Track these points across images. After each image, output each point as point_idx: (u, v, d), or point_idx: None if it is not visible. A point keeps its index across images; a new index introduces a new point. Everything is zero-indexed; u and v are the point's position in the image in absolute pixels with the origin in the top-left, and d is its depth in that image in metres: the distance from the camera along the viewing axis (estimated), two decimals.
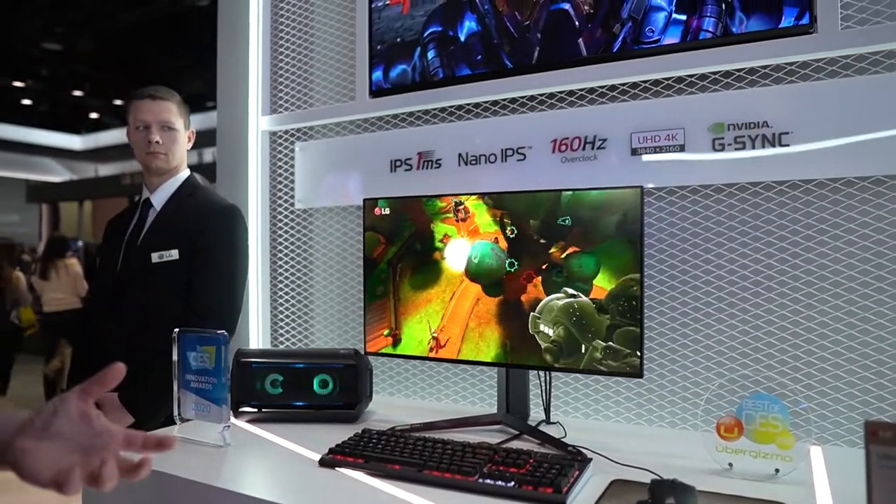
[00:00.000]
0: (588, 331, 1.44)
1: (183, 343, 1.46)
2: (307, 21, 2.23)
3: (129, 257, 1.90)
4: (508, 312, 1.53)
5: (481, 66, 1.86)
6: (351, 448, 1.32)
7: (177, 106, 1.95)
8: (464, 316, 1.58)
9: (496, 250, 1.55)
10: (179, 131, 1.94)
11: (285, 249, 2.26)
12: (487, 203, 1.57)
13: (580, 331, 1.45)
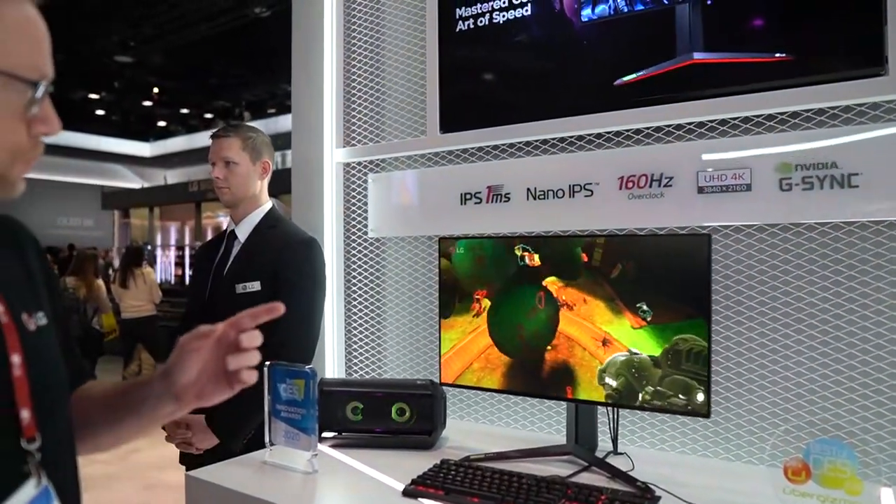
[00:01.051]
0: (647, 381, 1.50)
1: (274, 375, 1.58)
2: (378, 58, 2.34)
3: (215, 286, 2.05)
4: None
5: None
6: (432, 479, 1.42)
7: (241, 141, 2.05)
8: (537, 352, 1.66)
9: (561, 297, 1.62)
10: (240, 165, 2.04)
11: (359, 277, 2.38)
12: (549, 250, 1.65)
13: (637, 381, 1.51)
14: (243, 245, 2.06)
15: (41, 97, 0.71)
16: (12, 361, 0.72)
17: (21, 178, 0.73)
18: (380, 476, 1.52)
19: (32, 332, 0.77)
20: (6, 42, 0.68)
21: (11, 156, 0.71)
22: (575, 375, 1.60)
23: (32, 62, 0.71)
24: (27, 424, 0.72)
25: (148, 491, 4.37)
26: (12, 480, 0.69)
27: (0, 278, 0.76)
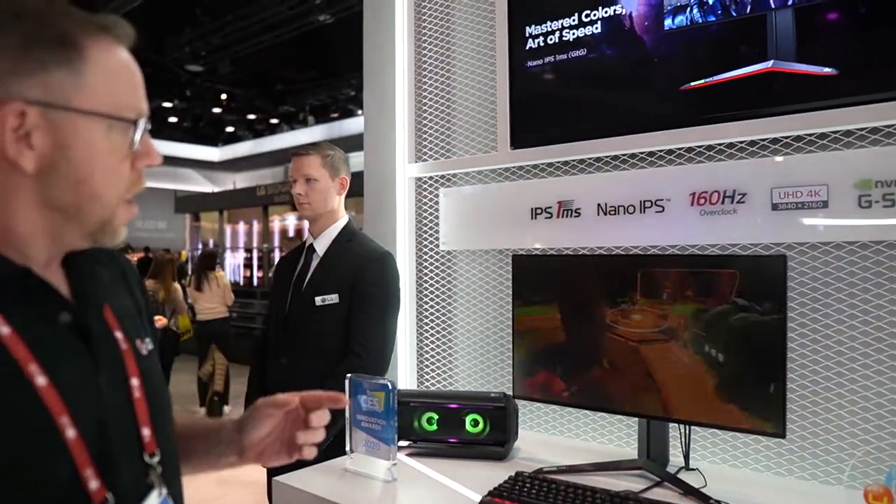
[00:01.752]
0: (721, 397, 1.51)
1: (354, 387, 1.66)
2: (448, 75, 2.41)
3: (295, 299, 2.15)
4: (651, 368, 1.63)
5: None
6: (507, 491, 1.47)
7: (321, 158, 2.15)
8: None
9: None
10: (320, 181, 2.14)
11: (430, 289, 2.45)
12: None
13: (710, 397, 1.52)
14: (322, 258, 2.15)
15: (142, 133, 0.77)
16: (132, 384, 0.80)
17: (123, 225, 0.79)
18: (456, 486, 1.58)
19: (145, 357, 0.85)
20: (108, 88, 0.73)
21: (119, 195, 0.76)
22: (646, 391, 1.62)
23: (131, 103, 0.75)
24: (148, 441, 0.80)
25: (223, 486, 4.57)
26: (140, 491, 0.77)
27: (116, 309, 0.84)
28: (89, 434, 0.70)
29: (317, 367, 2.02)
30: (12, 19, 0.69)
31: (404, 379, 2.39)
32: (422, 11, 2.48)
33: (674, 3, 1.83)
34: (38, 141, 0.69)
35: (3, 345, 0.66)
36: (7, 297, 0.69)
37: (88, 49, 0.71)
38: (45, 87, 0.69)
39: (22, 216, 0.71)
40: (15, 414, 0.66)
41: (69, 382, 0.70)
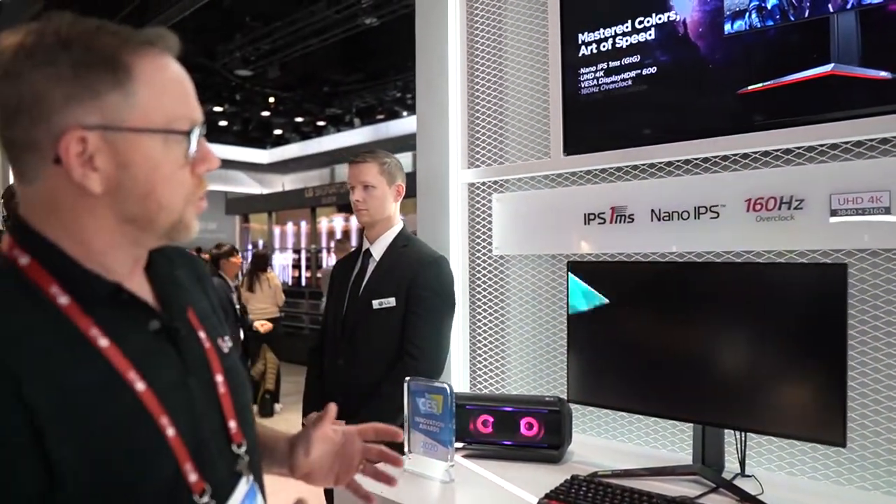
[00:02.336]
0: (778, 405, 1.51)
1: (413, 390, 1.71)
2: (501, 81, 2.44)
3: (353, 302, 2.22)
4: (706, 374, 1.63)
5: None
6: (564, 494, 1.50)
7: (378, 166, 2.21)
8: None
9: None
10: (377, 188, 2.20)
11: (483, 293, 2.49)
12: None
13: (768, 405, 1.52)
14: (378, 263, 2.21)
15: (197, 141, 0.79)
16: (217, 380, 0.86)
17: (194, 220, 0.82)
18: (513, 488, 1.62)
19: (226, 355, 0.91)
20: (159, 103, 0.75)
21: (185, 200, 0.80)
22: (702, 396, 1.63)
23: (183, 113, 0.78)
24: (235, 432, 0.87)
25: (281, 481, 4.69)
26: (232, 480, 0.84)
27: (198, 310, 0.90)
28: (185, 431, 0.76)
29: (373, 368, 2.09)
30: (61, 49, 0.71)
31: (457, 382, 2.43)
32: (474, 19, 2.52)
33: (733, 9, 1.83)
34: (101, 163, 0.72)
35: (103, 356, 0.72)
36: (103, 311, 0.74)
37: (136, 67, 0.74)
38: (100, 112, 0.72)
39: (100, 234, 0.76)
40: (122, 418, 0.71)
41: (164, 386, 0.76)
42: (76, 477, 0.66)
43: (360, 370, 2.13)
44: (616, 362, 1.78)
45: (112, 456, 0.70)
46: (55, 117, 0.71)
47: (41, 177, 0.73)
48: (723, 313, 1.60)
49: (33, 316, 0.70)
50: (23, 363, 0.66)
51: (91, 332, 0.72)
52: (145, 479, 0.72)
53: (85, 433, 0.68)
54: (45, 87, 0.70)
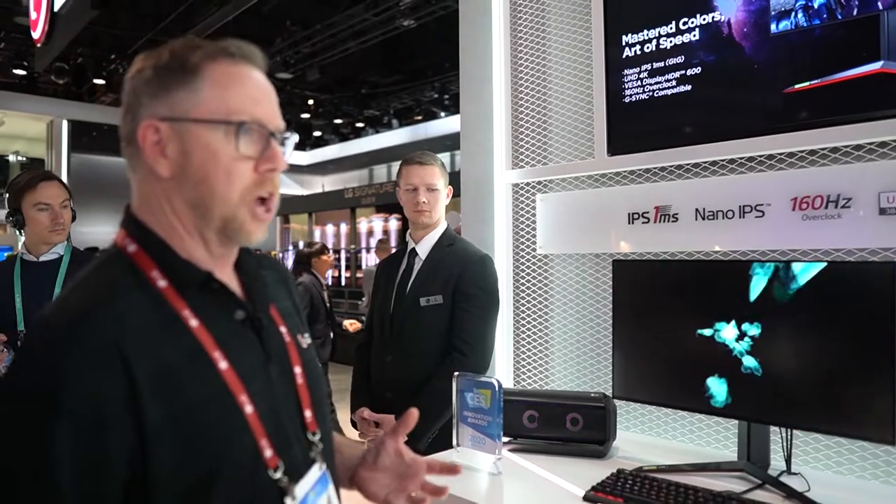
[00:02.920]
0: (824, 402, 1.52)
1: (461, 385, 1.76)
2: (544, 83, 2.48)
3: (400, 300, 2.28)
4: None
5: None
6: (610, 487, 1.53)
7: (439, 169, 2.28)
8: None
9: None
10: (440, 191, 2.28)
11: (527, 291, 2.53)
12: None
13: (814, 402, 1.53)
14: (425, 262, 2.27)
15: (267, 142, 0.86)
16: (295, 371, 0.94)
17: (252, 224, 0.86)
18: (559, 481, 1.66)
19: (305, 350, 0.99)
20: (219, 98, 0.83)
21: (240, 194, 0.84)
22: (747, 393, 1.65)
23: (242, 108, 0.84)
24: (310, 421, 0.94)
25: None
26: (305, 464, 0.90)
27: (280, 308, 0.98)
28: (263, 412, 0.84)
29: (421, 364, 2.15)
30: (155, 60, 0.85)
31: (501, 378, 2.47)
32: (517, 21, 2.56)
33: (778, 8, 1.84)
34: (170, 150, 0.83)
35: (193, 335, 0.81)
36: (195, 296, 0.83)
37: (205, 69, 0.84)
38: (169, 105, 0.83)
39: (175, 217, 0.85)
40: (205, 391, 0.79)
41: (246, 369, 0.84)
42: (162, 441, 0.74)
43: (409, 366, 2.19)
44: (660, 360, 1.80)
45: (195, 426, 0.77)
46: (140, 111, 0.84)
47: (136, 167, 0.87)
48: (768, 312, 1.62)
49: (137, 296, 0.80)
50: (125, 337, 0.74)
51: (184, 313, 0.81)
52: (223, 449, 0.79)
53: (172, 401, 0.76)
54: (138, 87, 0.85)
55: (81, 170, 16.28)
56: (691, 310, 1.75)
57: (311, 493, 0.88)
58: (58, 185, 2.44)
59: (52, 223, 2.38)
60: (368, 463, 1.08)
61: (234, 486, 0.79)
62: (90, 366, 0.71)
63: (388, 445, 1.07)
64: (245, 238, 0.88)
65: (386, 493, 1.06)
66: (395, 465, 1.07)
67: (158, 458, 0.74)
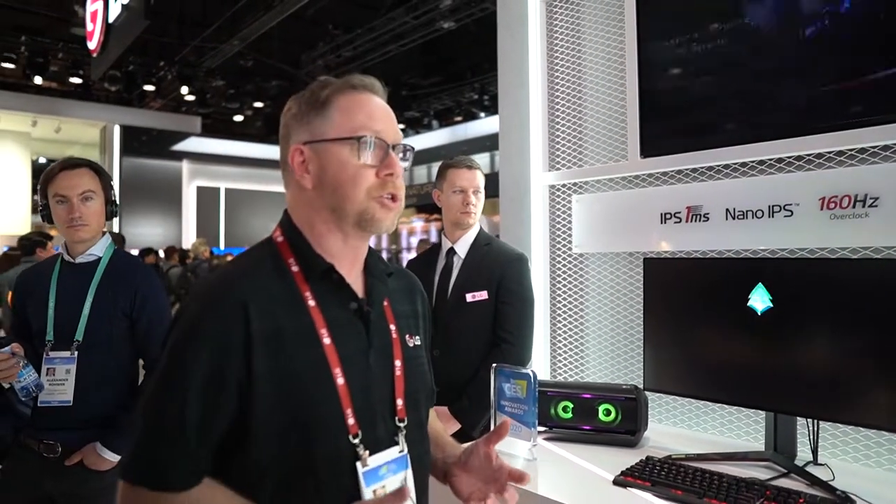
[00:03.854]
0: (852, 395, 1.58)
1: (499, 375, 1.87)
2: (579, 86, 2.57)
3: (442, 296, 2.40)
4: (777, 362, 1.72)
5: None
6: (639, 472, 1.62)
7: (481, 173, 2.41)
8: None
9: None
10: (482, 192, 2.40)
11: (563, 288, 2.62)
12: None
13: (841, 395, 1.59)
14: (465, 260, 2.38)
15: (387, 154, 1.04)
16: (395, 364, 1.08)
17: (382, 214, 1.04)
18: (591, 467, 1.76)
19: (411, 348, 1.13)
20: (345, 120, 1.04)
21: (366, 194, 1.03)
22: (774, 385, 1.72)
23: (364, 125, 1.04)
24: (400, 408, 1.07)
25: None
26: (387, 442, 1.04)
27: (396, 310, 1.14)
28: (354, 387, 1.00)
29: (467, 358, 2.27)
30: (298, 100, 1.09)
31: (538, 371, 2.57)
32: (553, 27, 2.66)
33: (808, 12, 1.90)
34: (311, 167, 1.05)
35: (308, 311, 1.00)
36: (318, 283, 1.03)
37: (334, 100, 1.06)
38: (310, 132, 1.06)
39: (318, 218, 1.06)
40: (306, 358, 0.98)
41: (347, 349, 1.01)
42: (265, 387, 0.94)
43: (456, 360, 2.30)
44: (689, 354, 1.88)
45: (292, 383, 0.95)
46: (290, 139, 1.08)
47: (289, 182, 1.09)
48: (796, 308, 1.68)
49: (273, 274, 1.02)
50: (254, 299, 0.96)
51: (305, 294, 1.01)
52: (312, 407, 0.96)
53: (278, 357, 0.95)
54: (288, 122, 1.09)
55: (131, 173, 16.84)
56: (719, 306, 1.83)
57: (384, 468, 1.02)
58: (81, 173, 2.08)
59: (69, 217, 2.03)
60: (461, 462, 1.19)
61: (318, 440, 0.96)
62: (224, 314, 0.95)
63: (480, 449, 1.17)
64: (377, 226, 1.04)
65: (469, 492, 1.17)
66: (482, 467, 1.17)
67: (260, 400, 0.93)
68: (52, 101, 16.06)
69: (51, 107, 16.00)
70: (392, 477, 1.03)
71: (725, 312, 1.81)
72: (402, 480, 1.04)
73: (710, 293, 1.87)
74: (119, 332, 2.07)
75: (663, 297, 1.97)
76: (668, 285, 1.97)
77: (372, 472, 1.00)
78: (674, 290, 1.95)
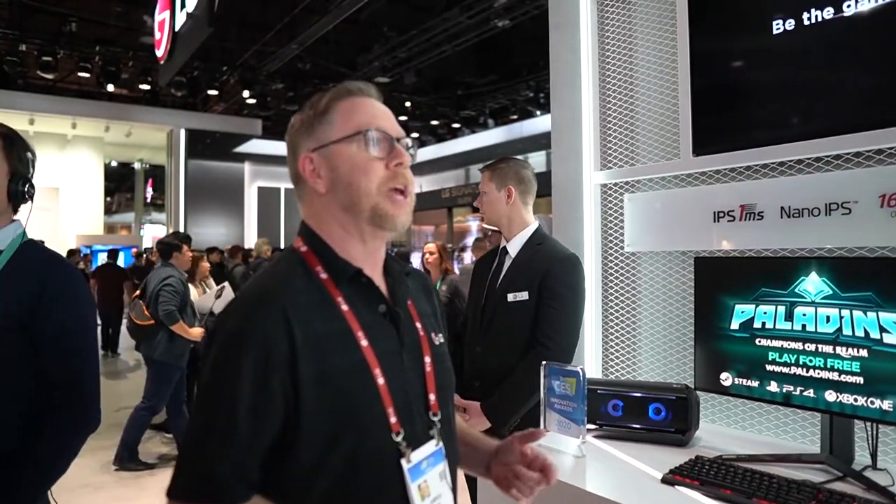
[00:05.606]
0: None
1: (549, 373, 1.90)
2: (631, 85, 2.56)
3: (490, 295, 2.44)
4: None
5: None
6: (688, 471, 1.62)
7: (490, 173, 2.46)
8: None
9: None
10: (488, 193, 2.44)
11: (615, 287, 2.62)
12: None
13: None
14: (514, 260, 2.41)
15: (392, 146, 1.08)
16: (426, 361, 1.12)
17: (393, 210, 1.07)
18: (639, 465, 1.76)
19: (437, 346, 1.17)
20: (345, 121, 1.08)
21: (378, 186, 1.05)
22: (831, 386, 1.69)
23: (361, 122, 1.08)
24: (433, 403, 1.11)
25: None
26: (424, 437, 1.08)
27: (419, 309, 1.18)
28: (393, 386, 1.03)
29: (507, 357, 2.29)
30: (300, 115, 1.13)
31: (590, 369, 2.59)
32: (605, 26, 2.66)
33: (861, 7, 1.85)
34: (322, 172, 1.08)
35: (343, 316, 1.02)
36: (347, 287, 1.05)
37: (333, 106, 1.10)
38: (315, 139, 1.09)
39: (336, 222, 1.08)
40: (347, 360, 0.99)
41: (382, 350, 1.03)
42: (311, 393, 0.95)
43: (496, 358, 2.34)
44: (742, 353, 1.86)
45: (336, 387, 0.97)
46: (297, 151, 1.12)
47: (303, 193, 1.13)
48: (852, 307, 1.65)
49: (304, 282, 1.04)
50: (294, 308, 0.98)
51: (338, 299, 1.03)
52: (357, 408, 0.99)
53: (321, 363, 0.97)
54: (293, 137, 1.13)
55: (197, 174, 17.45)
56: (774, 304, 1.81)
57: (424, 462, 1.05)
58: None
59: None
60: (499, 459, 1.23)
61: (363, 440, 0.98)
62: (269, 322, 0.95)
63: (515, 446, 1.21)
64: (391, 222, 1.07)
65: (506, 484, 1.22)
66: (516, 463, 1.20)
67: (306, 407, 0.94)
68: (124, 107, 16.82)
69: (122, 113, 16.76)
70: (432, 471, 1.06)
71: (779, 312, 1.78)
72: (440, 474, 1.08)
73: (764, 292, 1.85)
74: (7, 347, 1.54)
75: (713, 296, 1.95)
76: (717, 284, 1.95)
77: (415, 468, 1.03)
78: (724, 289, 1.93)
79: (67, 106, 16.30)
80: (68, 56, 13.65)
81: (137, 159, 23.51)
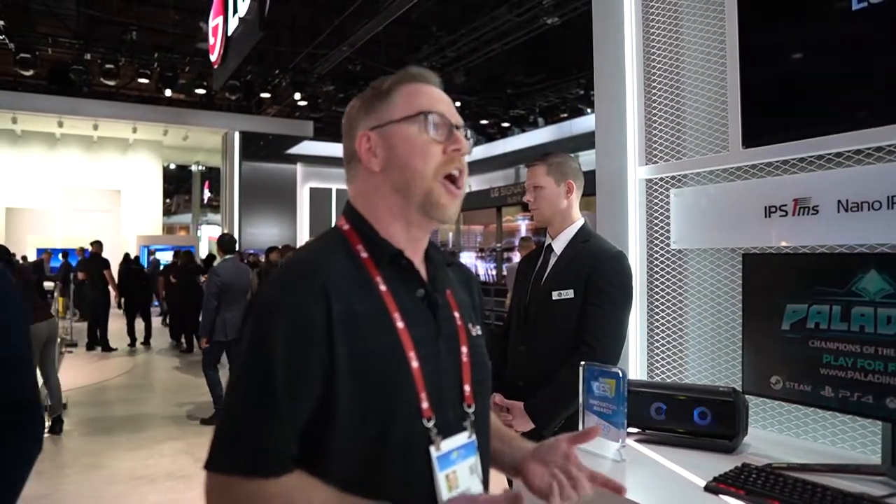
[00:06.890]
0: None
1: (588, 374, 1.83)
2: (677, 77, 2.46)
3: (535, 293, 2.37)
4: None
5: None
6: (733, 479, 1.53)
7: (546, 167, 2.35)
8: None
9: None
10: (545, 188, 2.34)
11: (661, 285, 2.53)
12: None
13: None
14: (559, 257, 2.34)
15: (452, 133, 1.08)
16: (462, 351, 1.09)
17: (446, 199, 1.06)
18: (681, 471, 1.68)
19: (474, 336, 1.14)
20: (406, 102, 1.08)
21: (434, 171, 1.05)
22: (894, 392, 1.57)
23: (422, 105, 1.07)
24: (468, 394, 1.08)
25: None
26: (456, 428, 1.04)
27: (458, 300, 1.16)
28: (427, 371, 1.01)
29: (551, 356, 2.22)
30: (361, 97, 1.14)
31: (634, 371, 2.50)
32: (650, 15, 2.57)
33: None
34: (378, 151, 1.07)
35: (381, 296, 1.02)
36: (387, 268, 1.05)
37: (396, 89, 1.10)
38: (375, 118, 1.09)
39: (383, 204, 1.08)
40: (382, 341, 0.99)
41: (418, 334, 1.02)
42: (347, 371, 0.94)
43: (540, 357, 2.27)
44: (795, 355, 1.75)
45: (371, 366, 0.96)
46: (354, 131, 1.11)
47: (355, 173, 1.12)
48: None
49: (344, 260, 1.04)
50: (333, 284, 0.97)
51: (376, 279, 1.03)
52: (390, 389, 0.97)
53: (356, 341, 0.96)
54: (351, 117, 1.14)
55: (251, 176, 17.83)
56: (831, 304, 1.69)
57: (454, 453, 1.02)
58: None
59: None
60: (536, 455, 1.16)
61: (394, 423, 0.97)
62: (308, 294, 0.95)
63: (561, 448, 1.15)
64: (442, 211, 1.07)
65: (541, 486, 1.12)
66: (560, 465, 1.13)
67: (342, 383, 0.94)
68: (181, 111, 17.35)
69: (179, 117, 17.30)
70: (462, 462, 1.03)
71: (836, 311, 1.67)
72: (471, 467, 1.04)
73: (818, 291, 1.74)
74: None
75: (763, 296, 1.85)
76: (768, 283, 1.85)
77: (444, 457, 1.00)
78: (774, 288, 1.82)
79: (128, 111, 16.93)
80: (129, 63, 14.16)
81: (194, 162, 24.21)
